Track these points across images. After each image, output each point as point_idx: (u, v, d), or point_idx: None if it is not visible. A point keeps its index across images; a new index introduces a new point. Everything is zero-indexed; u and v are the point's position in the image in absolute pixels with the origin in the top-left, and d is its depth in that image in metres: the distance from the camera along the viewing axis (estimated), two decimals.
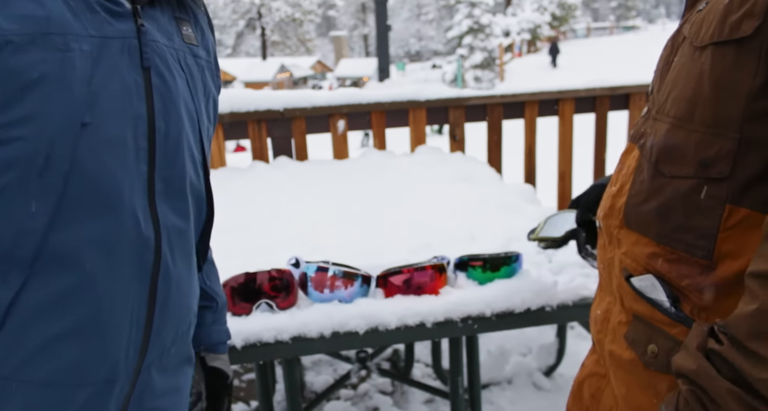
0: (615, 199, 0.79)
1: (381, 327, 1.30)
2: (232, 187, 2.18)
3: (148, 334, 0.68)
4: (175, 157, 0.70)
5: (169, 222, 0.69)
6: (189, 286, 0.75)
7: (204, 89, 0.79)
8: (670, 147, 0.69)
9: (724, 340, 0.57)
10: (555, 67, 23.19)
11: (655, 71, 0.78)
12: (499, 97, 2.68)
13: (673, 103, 0.69)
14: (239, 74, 37.83)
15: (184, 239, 0.73)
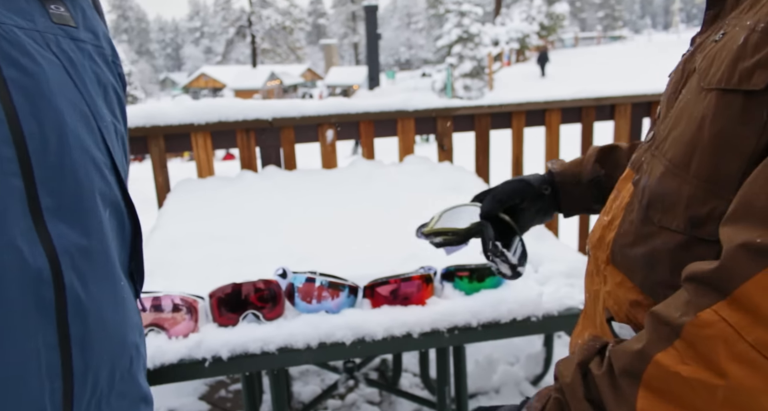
0: (605, 231, 0.74)
1: (368, 337, 1.30)
2: (220, 197, 2.17)
3: (69, 382, 0.56)
4: (63, 164, 0.57)
5: (70, 244, 0.56)
6: (116, 315, 0.63)
7: (97, 79, 0.66)
8: (662, 194, 0.62)
9: (604, 366, 0.56)
10: (544, 76, 23.38)
11: (664, 93, 0.72)
12: (486, 108, 2.71)
13: (671, 144, 0.62)
14: (229, 82, 37.78)
15: (98, 261, 0.60)
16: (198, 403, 2.22)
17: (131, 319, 0.67)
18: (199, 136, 2.47)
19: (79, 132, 0.59)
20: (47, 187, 0.55)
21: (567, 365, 0.61)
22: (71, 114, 0.59)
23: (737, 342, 0.45)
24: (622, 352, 0.55)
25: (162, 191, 2.47)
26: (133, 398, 0.68)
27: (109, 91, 0.69)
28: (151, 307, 1.29)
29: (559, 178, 1.01)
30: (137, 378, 0.69)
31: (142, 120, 2.39)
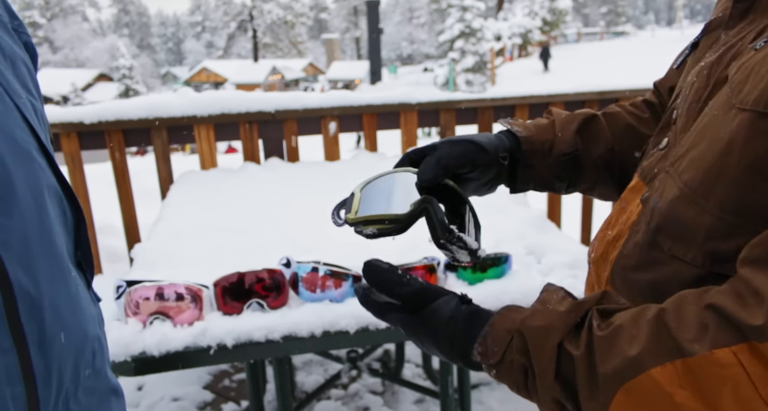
0: (609, 247, 0.67)
1: (371, 326, 1.31)
2: (223, 189, 2.18)
3: (32, 385, 0.52)
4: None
5: (9, 236, 0.51)
6: (72, 309, 0.58)
7: (1, 50, 0.58)
8: (675, 220, 0.55)
9: (582, 347, 0.51)
10: (547, 71, 23.32)
11: (683, 95, 0.63)
12: (489, 101, 2.70)
13: (689, 165, 0.54)
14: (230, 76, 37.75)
15: (44, 253, 0.55)
16: (202, 392, 2.23)
17: (88, 310, 0.63)
18: (202, 129, 2.47)
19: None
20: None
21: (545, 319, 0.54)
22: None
23: (748, 391, 0.43)
24: (609, 348, 0.50)
25: (165, 183, 2.48)
26: (102, 392, 0.65)
27: (18, 64, 0.60)
28: (155, 295, 1.30)
29: (526, 146, 0.77)
30: (104, 371, 0.66)
31: (145, 112, 2.39)
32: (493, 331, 0.57)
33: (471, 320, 0.59)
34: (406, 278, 0.61)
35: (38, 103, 0.63)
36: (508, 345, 0.55)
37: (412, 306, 0.60)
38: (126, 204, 2.49)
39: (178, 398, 2.18)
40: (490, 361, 0.56)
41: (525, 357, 0.54)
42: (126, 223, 2.51)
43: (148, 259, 1.60)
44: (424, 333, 0.60)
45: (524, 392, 0.56)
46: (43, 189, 0.56)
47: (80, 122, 2.34)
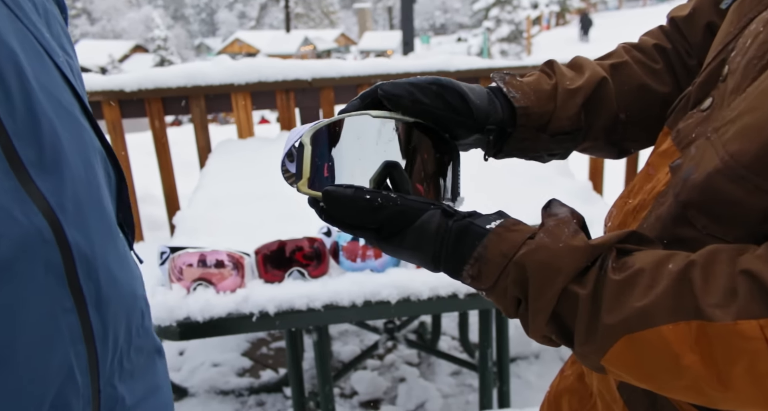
0: (628, 217, 0.59)
1: (413, 297, 1.29)
2: (261, 157, 2.17)
3: (92, 344, 0.53)
4: (32, 112, 0.49)
5: (64, 198, 0.50)
6: (122, 269, 0.59)
7: (35, 8, 0.56)
8: (713, 197, 0.47)
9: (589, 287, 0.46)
10: (587, 41, 22.57)
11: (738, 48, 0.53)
12: (531, 68, 2.60)
13: (739, 134, 0.45)
14: (263, 47, 37.72)
15: (96, 214, 0.55)
16: (241, 359, 2.27)
17: (135, 272, 0.63)
18: (239, 97, 2.46)
19: (39, 73, 0.51)
20: (23, 138, 0.47)
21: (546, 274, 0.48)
22: (24, 52, 0.49)
23: (766, 367, 0.40)
24: (620, 294, 0.45)
25: (203, 152, 2.49)
26: (149, 351, 0.66)
27: (52, 22, 0.58)
28: (198, 262, 1.31)
29: (522, 121, 0.63)
30: (150, 330, 0.66)
31: (184, 80, 2.39)
32: (488, 254, 0.51)
33: (461, 237, 0.52)
34: (377, 201, 0.52)
35: (75, 61, 0.61)
36: (502, 271, 0.50)
37: (390, 230, 0.53)
38: (166, 173, 2.51)
39: (217, 364, 2.22)
40: (482, 286, 0.52)
41: (520, 290, 0.49)
42: (166, 191, 2.54)
43: (189, 225, 1.60)
44: (406, 253, 0.54)
45: (514, 317, 0.52)
46: (89, 150, 0.55)
47: (121, 90, 2.35)
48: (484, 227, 0.52)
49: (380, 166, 0.57)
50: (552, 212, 0.53)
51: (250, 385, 2.11)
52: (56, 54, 0.55)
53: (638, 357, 0.45)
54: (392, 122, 0.58)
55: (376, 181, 0.56)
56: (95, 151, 0.57)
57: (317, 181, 0.56)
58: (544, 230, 0.50)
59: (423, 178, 0.60)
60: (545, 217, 0.52)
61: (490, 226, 0.52)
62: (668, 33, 0.70)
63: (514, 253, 0.50)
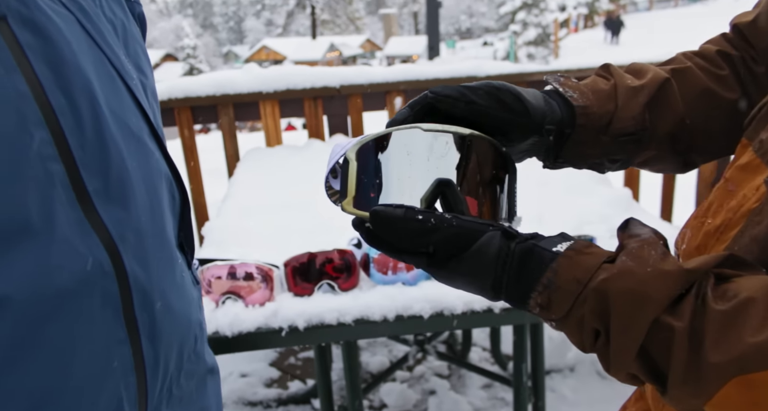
0: (709, 239, 0.54)
1: (446, 311, 1.25)
2: (289, 165, 2.16)
3: (142, 375, 0.52)
4: (102, 140, 0.48)
5: (126, 228, 0.50)
6: (179, 297, 0.58)
7: (114, 29, 0.55)
8: None
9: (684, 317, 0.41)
10: (617, 43, 22.19)
11: None
12: (563, 72, 2.55)
13: None
14: (289, 54, 38.13)
15: (156, 242, 0.54)
16: (269, 369, 2.25)
17: (191, 295, 0.62)
18: (267, 105, 2.45)
19: (110, 99, 0.50)
20: (90, 168, 0.47)
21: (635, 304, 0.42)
22: (98, 78, 0.49)
23: None
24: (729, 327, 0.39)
25: (232, 160, 2.48)
26: (200, 375, 0.65)
27: (129, 42, 0.58)
28: (227, 274, 1.29)
29: (581, 120, 0.59)
30: (203, 354, 0.65)
31: (213, 88, 2.39)
32: (558, 280, 0.46)
33: (525, 261, 0.47)
34: (431, 222, 0.48)
35: (149, 79, 0.61)
36: (576, 299, 0.45)
37: (444, 255, 0.49)
38: (195, 182, 2.52)
39: (245, 374, 2.21)
40: (553, 316, 0.46)
41: (600, 322, 0.44)
42: (194, 199, 2.54)
43: (218, 237, 1.59)
44: (462, 280, 0.50)
45: (590, 351, 0.47)
46: (154, 177, 0.55)
47: None
48: (550, 250, 0.47)
49: (432, 184, 0.52)
50: (633, 233, 0.47)
51: (278, 396, 2.08)
52: (130, 77, 0.55)
53: (755, 401, 0.39)
54: (444, 136, 0.53)
55: (427, 201, 0.52)
56: (161, 175, 0.57)
57: (363, 200, 0.52)
58: (626, 253, 0.44)
59: (477, 196, 0.55)
60: (624, 238, 0.47)
61: (557, 248, 0.47)
62: (732, 40, 0.66)
63: (589, 279, 0.44)
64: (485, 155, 0.55)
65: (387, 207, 0.49)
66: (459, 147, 0.54)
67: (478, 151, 0.55)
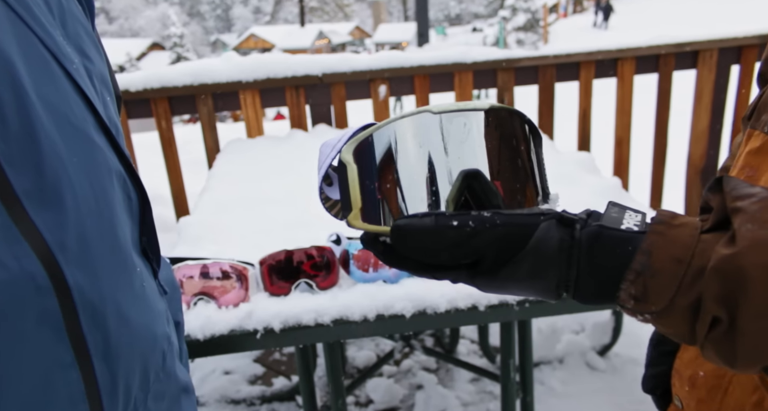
0: None
1: (429, 310, 1.20)
2: (270, 157, 2.09)
3: (97, 401, 0.45)
4: (30, 132, 0.42)
5: (65, 233, 0.44)
6: (138, 309, 0.52)
7: (47, 5, 0.48)
8: None
9: None
10: (605, 28, 22.09)
11: None
12: (552, 58, 2.49)
13: None
14: (277, 42, 37.72)
15: (108, 247, 0.48)
16: (253, 365, 2.20)
17: (155, 307, 0.56)
18: (247, 94, 2.38)
19: (42, 85, 0.43)
20: (17, 165, 0.40)
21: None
22: (24, 60, 0.42)
23: None
24: None
25: (212, 153, 2.41)
26: (172, 394, 0.58)
27: (68, 21, 0.51)
28: (200, 274, 1.23)
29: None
30: (173, 371, 0.59)
31: (190, 78, 2.31)
32: (655, 263, 0.38)
33: (598, 249, 0.39)
34: (469, 225, 0.40)
35: (95, 64, 0.53)
36: (681, 283, 0.37)
37: (494, 261, 0.41)
38: (174, 174, 2.45)
39: (229, 371, 2.16)
40: (652, 307, 0.38)
41: (726, 308, 0.36)
42: (174, 193, 2.47)
43: (193, 233, 1.53)
44: (520, 286, 0.42)
45: (700, 344, 0.38)
46: (102, 174, 0.48)
47: (125, 90, 2.28)
48: (626, 230, 0.39)
49: (457, 179, 0.43)
50: (741, 193, 0.39)
51: (262, 393, 2.04)
52: (69, 60, 0.48)
53: None
54: (461, 116, 0.44)
55: (455, 201, 0.43)
56: (111, 172, 0.49)
57: (372, 211, 0.44)
58: (748, 218, 0.37)
59: (506, 178, 0.46)
60: (731, 200, 0.39)
61: (626, 225, 0.40)
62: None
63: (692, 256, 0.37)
64: (509, 130, 0.47)
65: (411, 219, 0.41)
66: (478, 126, 0.45)
67: (501, 127, 0.46)
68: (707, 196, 0.41)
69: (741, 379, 0.54)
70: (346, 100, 2.43)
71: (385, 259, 0.44)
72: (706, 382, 0.57)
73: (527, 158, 0.47)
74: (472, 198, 0.44)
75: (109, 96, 0.56)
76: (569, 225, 0.41)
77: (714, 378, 0.56)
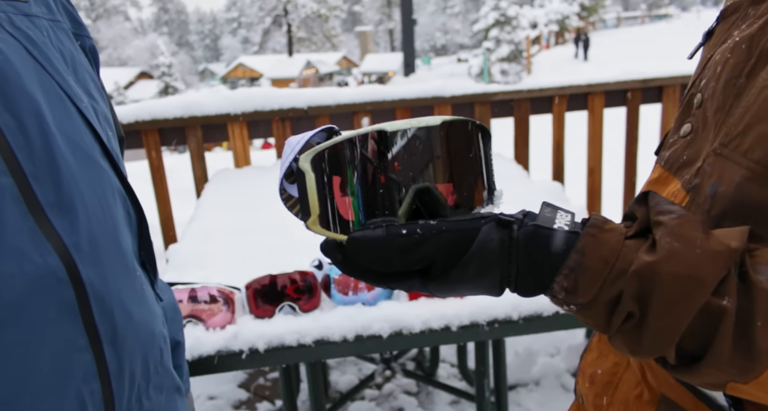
0: None
1: (405, 330, 1.28)
2: (257, 187, 2.17)
3: (107, 382, 0.54)
4: (52, 156, 0.52)
5: (80, 238, 0.53)
6: (139, 307, 0.60)
7: (62, 56, 0.59)
8: (748, 205, 0.48)
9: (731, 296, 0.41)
10: (586, 59, 22.73)
11: (709, 76, 0.58)
12: (525, 92, 2.62)
13: (758, 143, 0.48)
14: (266, 71, 38.17)
15: (112, 253, 0.56)
16: (237, 390, 2.24)
17: (153, 309, 0.64)
18: (235, 126, 2.48)
19: (60, 118, 0.54)
20: (41, 181, 0.50)
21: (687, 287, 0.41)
22: (46, 99, 0.53)
23: None
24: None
25: (200, 182, 2.49)
26: (169, 389, 0.66)
27: (78, 69, 0.62)
28: (188, 298, 1.30)
29: None
30: (170, 368, 0.67)
31: (180, 111, 2.41)
32: (586, 261, 0.43)
33: (534, 247, 0.45)
34: (417, 233, 0.45)
35: (100, 104, 0.65)
36: (605, 280, 0.43)
37: (443, 265, 0.45)
38: (162, 203, 2.52)
39: (213, 396, 2.20)
40: (579, 299, 0.44)
41: (639, 305, 0.42)
42: (162, 221, 2.54)
43: (181, 260, 1.60)
44: (468, 286, 0.46)
45: (612, 334, 0.45)
46: (107, 191, 0.58)
47: None
48: (560, 230, 0.45)
49: (408, 194, 0.48)
50: (663, 208, 0.46)
51: None
52: (80, 99, 0.58)
53: None
54: (414, 132, 0.49)
55: (406, 216, 0.48)
56: (114, 191, 0.60)
57: (329, 217, 0.48)
58: (668, 232, 0.43)
59: (461, 180, 0.52)
60: (655, 214, 0.46)
61: (558, 225, 0.46)
62: None
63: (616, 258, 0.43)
64: (460, 138, 0.52)
65: (365, 230, 0.46)
66: (430, 140, 0.50)
67: (452, 136, 0.51)
68: (633, 207, 0.49)
69: (628, 376, 0.63)
70: None
71: (344, 269, 0.49)
72: (602, 379, 0.66)
73: (477, 159, 0.54)
74: (424, 209, 0.50)
75: (111, 131, 0.67)
76: (507, 226, 0.46)
77: (609, 375, 0.66)
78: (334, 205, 0.48)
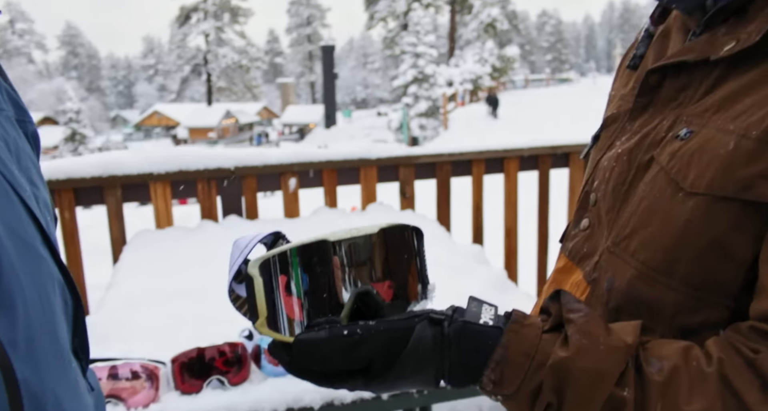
0: None
1: (336, 401, 1.28)
2: (180, 249, 2.12)
3: None
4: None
5: (15, 334, 0.51)
6: (74, 401, 0.58)
7: (6, 145, 0.59)
8: (638, 300, 0.55)
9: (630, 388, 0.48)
10: (496, 117, 24.15)
11: (600, 179, 0.64)
12: (447, 156, 2.76)
13: (642, 246, 0.55)
14: (183, 119, 37.40)
15: (51, 345, 0.54)
16: None
17: (86, 401, 0.62)
18: (158, 186, 2.42)
19: (4, 210, 0.53)
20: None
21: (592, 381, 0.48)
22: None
23: None
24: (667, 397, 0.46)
25: (118, 244, 2.39)
26: None
27: (21, 157, 0.62)
28: (108, 376, 1.23)
29: None
30: None
31: (99, 170, 2.33)
32: (510, 356, 0.49)
33: (464, 342, 0.50)
34: (357, 333, 0.49)
35: (41, 191, 0.65)
36: (527, 373, 0.49)
37: (382, 364, 0.50)
38: (75, 267, 2.38)
39: None
40: (504, 391, 0.49)
41: (556, 397, 0.48)
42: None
43: (99, 332, 1.52)
44: (407, 382, 0.51)
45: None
46: (47, 282, 0.57)
47: None
48: (486, 327, 0.50)
49: (349, 299, 0.53)
50: (572, 307, 0.52)
51: None
52: (23, 189, 0.58)
53: None
54: (354, 240, 0.55)
55: (348, 318, 0.52)
56: (53, 280, 0.58)
57: (276, 320, 0.51)
58: (577, 329, 0.50)
59: (398, 278, 0.58)
60: (566, 311, 0.52)
61: (483, 320, 0.51)
62: None
63: (535, 352, 0.49)
64: (395, 240, 0.58)
65: (309, 332, 0.50)
66: (369, 246, 0.56)
67: (389, 240, 0.57)
68: (547, 304, 0.56)
69: None
70: (257, 191, 2.54)
71: (290, 369, 0.52)
72: None
73: (411, 258, 0.60)
74: (365, 309, 0.55)
75: (50, 216, 0.67)
76: (439, 323, 0.51)
77: None
78: (281, 308, 0.52)
